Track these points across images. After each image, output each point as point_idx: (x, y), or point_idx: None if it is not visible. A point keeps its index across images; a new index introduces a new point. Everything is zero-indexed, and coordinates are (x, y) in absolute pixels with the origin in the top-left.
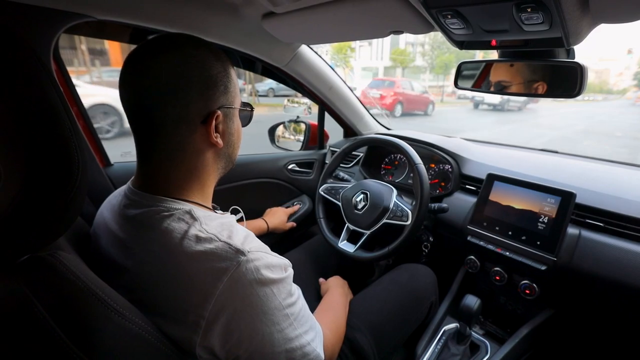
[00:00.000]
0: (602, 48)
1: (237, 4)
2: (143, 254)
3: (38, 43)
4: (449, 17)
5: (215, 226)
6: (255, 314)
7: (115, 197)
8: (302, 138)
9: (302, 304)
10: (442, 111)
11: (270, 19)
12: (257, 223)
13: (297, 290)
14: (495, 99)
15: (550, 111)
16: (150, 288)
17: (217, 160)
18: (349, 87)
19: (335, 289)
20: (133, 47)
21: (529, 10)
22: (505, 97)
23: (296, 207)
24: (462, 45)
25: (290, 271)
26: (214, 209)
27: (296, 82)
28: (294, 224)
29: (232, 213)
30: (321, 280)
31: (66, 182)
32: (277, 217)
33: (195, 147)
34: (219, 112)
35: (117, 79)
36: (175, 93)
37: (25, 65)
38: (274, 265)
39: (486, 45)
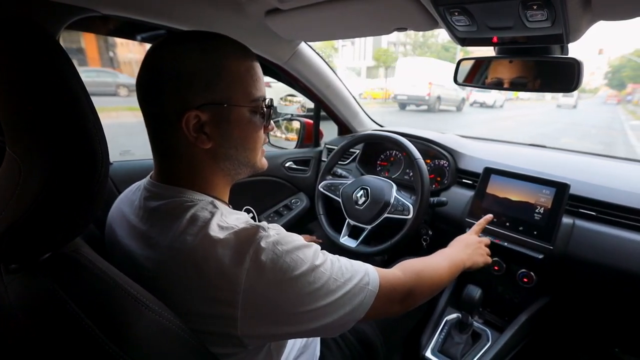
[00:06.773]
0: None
1: (241, 0)
2: (168, 242)
3: None
4: (456, 14)
5: (234, 219)
6: (289, 278)
7: (132, 191)
8: (296, 136)
9: (333, 258)
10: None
11: (274, 16)
12: None
13: (325, 254)
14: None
15: (519, 110)
16: (177, 275)
17: (217, 161)
18: (344, 85)
19: (457, 244)
20: (126, 42)
21: (534, 7)
22: (435, 95)
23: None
24: (463, 42)
25: (315, 245)
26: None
27: (293, 79)
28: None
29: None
30: None
31: (91, 176)
32: None
33: (183, 145)
34: (196, 112)
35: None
36: (150, 90)
37: (48, 55)
38: (296, 238)
39: (487, 42)
